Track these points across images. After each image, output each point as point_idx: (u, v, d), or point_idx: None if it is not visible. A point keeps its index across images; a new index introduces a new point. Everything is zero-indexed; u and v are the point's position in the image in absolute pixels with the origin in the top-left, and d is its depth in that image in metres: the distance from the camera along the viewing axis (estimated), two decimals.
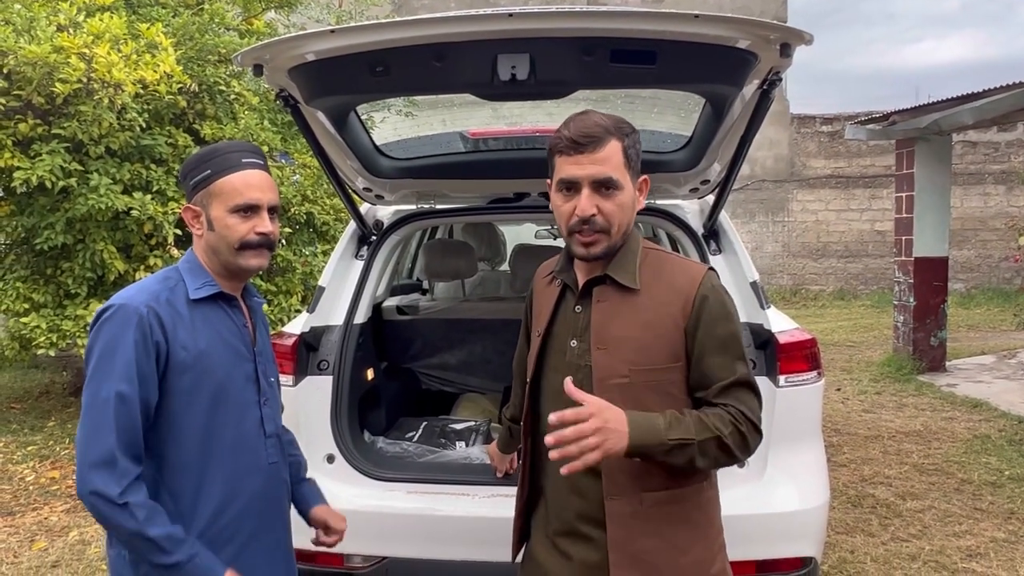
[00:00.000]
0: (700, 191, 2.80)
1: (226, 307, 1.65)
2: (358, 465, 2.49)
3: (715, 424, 1.48)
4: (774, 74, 1.93)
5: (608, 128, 1.51)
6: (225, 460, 1.58)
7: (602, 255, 1.56)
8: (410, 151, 2.77)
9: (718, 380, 1.53)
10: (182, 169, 1.65)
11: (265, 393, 1.69)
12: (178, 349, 1.53)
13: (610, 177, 1.50)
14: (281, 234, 6.19)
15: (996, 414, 5.91)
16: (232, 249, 1.59)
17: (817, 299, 13.26)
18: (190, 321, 1.57)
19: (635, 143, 1.55)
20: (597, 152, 1.49)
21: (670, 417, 1.46)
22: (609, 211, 1.52)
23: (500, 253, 4.74)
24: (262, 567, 1.66)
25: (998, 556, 3.57)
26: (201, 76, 5.67)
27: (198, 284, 1.60)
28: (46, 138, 5.01)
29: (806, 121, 13.43)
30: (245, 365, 1.66)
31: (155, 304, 1.53)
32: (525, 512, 1.79)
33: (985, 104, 6.17)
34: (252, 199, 1.59)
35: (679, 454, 1.44)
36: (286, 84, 2.06)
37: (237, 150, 1.62)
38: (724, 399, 1.52)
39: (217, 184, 1.58)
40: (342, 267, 2.80)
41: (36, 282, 5.47)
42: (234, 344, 1.64)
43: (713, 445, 1.47)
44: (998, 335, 9.57)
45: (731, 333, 1.56)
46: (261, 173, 1.62)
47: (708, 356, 1.53)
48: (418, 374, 3.85)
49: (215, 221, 1.59)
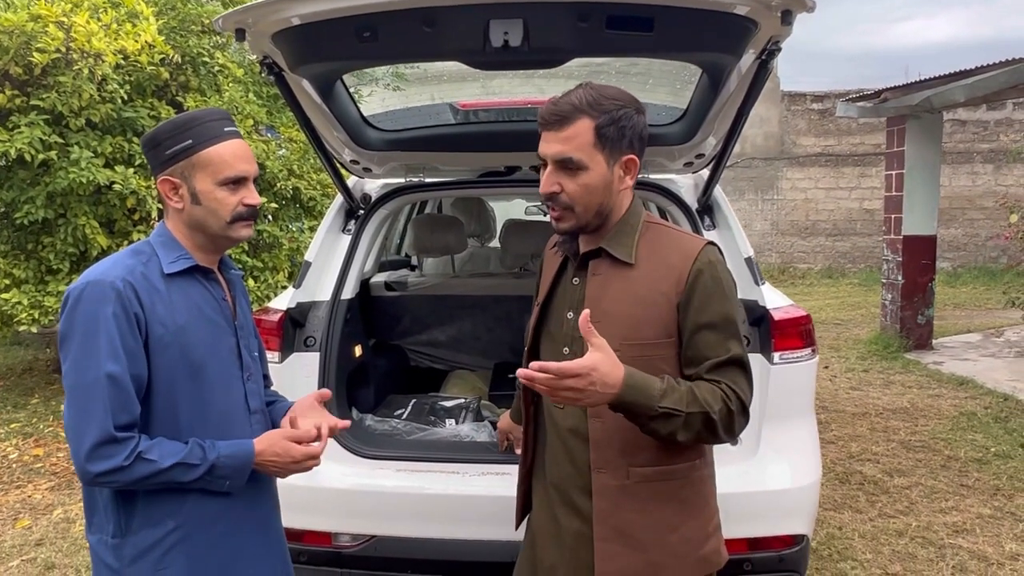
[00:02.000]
0: (694, 165, 2.76)
1: (203, 280, 1.59)
2: (346, 443, 2.45)
3: (706, 399, 1.44)
4: (773, 43, 1.88)
5: (579, 106, 1.47)
6: (212, 437, 1.53)
7: (571, 231, 1.57)
8: (398, 122, 2.70)
9: (711, 357, 1.50)
10: (150, 137, 1.55)
11: (248, 368, 1.64)
12: (156, 325, 1.47)
13: (570, 157, 1.48)
14: (267, 209, 6.11)
15: (982, 391, 5.95)
16: (224, 223, 1.54)
17: (805, 277, 13.30)
18: (167, 296, 1.51)
19: (617, 121, 1.48)
20: (562, 131, 1.48)
21: (667, 384, 1.42)
22: (572, 191, 1.50)
23: (490, 229, 4.69)
24: (250, 546, 1.62)
25: (984, 532, 3.59)
26: (184, 47, 5.55)
27: (172, 258, 1.54)
28: (24, 109, 4.89)
29: (796, 99, 13.37)
30: (227, 339, 1.60)
31: (131, 278, 1.46)
32: (527, 482, 1.78)
33: (977, 81, 6.14)
34: (241, 171, 1.53)
35: (663, 423, 1.41)
36: (270, 50, 1.99)
37: (217, 118, 1.55)
38: (716, 376, 1.49)
39: (203, 155, 1.51)
40: (329, 241, 2.74)
41: (17, 258, 5.38)
42: (214, 318, 1.58)
43: (699, 420, 1.43)
44: (984, 313, 9.64)
45: (726, 310, 1.52)
46: (243, 142, 1.57)
47: (701, 333, 1.50)
48: (407, 351, 3.81)
49: (202, 194, 1.52)
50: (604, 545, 1.53)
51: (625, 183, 1.55)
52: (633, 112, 1.51)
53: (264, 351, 1.83)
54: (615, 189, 1.54)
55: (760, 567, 2.23)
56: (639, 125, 1.52)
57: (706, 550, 1.58)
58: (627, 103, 1.51)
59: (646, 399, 1.38)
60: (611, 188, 1.53)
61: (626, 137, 1.50)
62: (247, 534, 1.62)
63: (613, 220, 1.57)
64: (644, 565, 1.53)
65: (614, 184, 1.53)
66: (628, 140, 1.51)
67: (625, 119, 1.49)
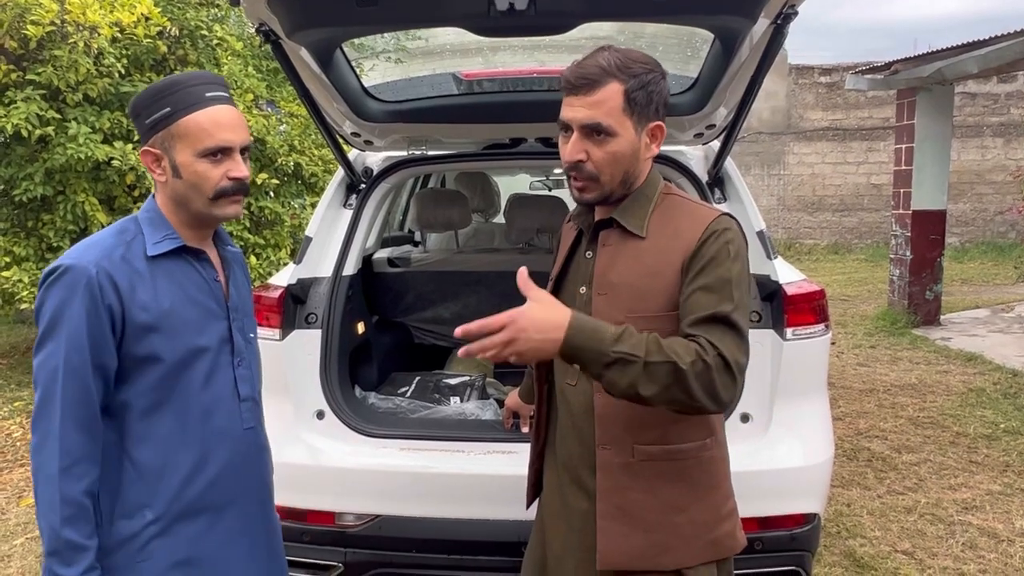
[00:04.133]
0: (705, 136, 2.68)
1: (193, 261, 1.49)
2: (349, 421, 2.42)
3: (675, 349, 1.30)
4: (789, 7, 1.80)
5: (608, 69, 1.40)
6: (194, 427, 1.46)
7: (595, 202, 1.50)
8: (400, 93, 2.63)
9: (694, 315, 1.38)
10: (133, 105, 1.44)
11: (240, 353, 1.55)
12: (137, 311, 1.38)
13: (599, 123, 1.40)
14: (268, 186, 6.04)
15: (991, 367, 5.90)
16: (206, 199, 1.43)
17: (811, 253, 13.21)
18: (151, 279, 1.41)
19: (646, 86, 1.41)
20: (591, 95, 1.40)
21: (623, 330, 1.31)
22: (599, 159, 1.43)
23: (494, 204, 4.62)
24: (239, 538, 1.54)
25: (993, 508, 3.56)
26: (182, 19, 5.45)
27: (157, 238, 1.44)
28: (20, 84, 4.82)
29: (804, 72, 13.18)
30: (217, 324, 1.51)
31: (107, 263, 1.37)
32: (539, 462, 1.74)
33: (990, 52, 6.01)
34: (224, 140, 1.41)
35: (619, 372, 1.28)
36: (266, 16, 1.91)
37: (200, 82, 1.43)
38: (694, 331, 1.35)
39: (181, 124, 1.40)
40: (330, 216, 2.68)
41: (17, 235, 5.34)
42: (203, 302, 1.49)
43: (664, 372, 1.28)
44: (992, 289, 9.56)
45: (726, 273, 1.40)
46: (229, 108, 1.44)
47: (695, 295, 1.39)
48: (410, 328, 3.76)
49: (182, 167, 1.41)
50: (606, 523, 1.49)
51: (651, 151, 1.49)
52: (660, 77, 1.45)
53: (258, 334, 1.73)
54: (641, 157, 1.47)
55: (771, 546, 2.19)
56: (665, 90, 1.46)
57: (717, 533, 1.52)
58: (654, 66, 1.44)
59: (596, 343, 1.28)
60: (638, 156, 1.47)
61: (653, 103, 1.44)
62: (236, 524, 1.54)
63: (633, 190, 1.51)
64: (647, 545, 1.48)
65: (640, 152, 1.47)
66: (655, 106, 1.45)
67: (653, 83, 1.43)
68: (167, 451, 1.44)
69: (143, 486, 1.42)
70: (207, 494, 1.48)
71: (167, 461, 1.44)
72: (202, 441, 1.47)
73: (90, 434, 1.36)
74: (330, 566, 2.30)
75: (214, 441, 1.49)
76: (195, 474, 1.46)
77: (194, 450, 1.46)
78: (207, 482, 1.48)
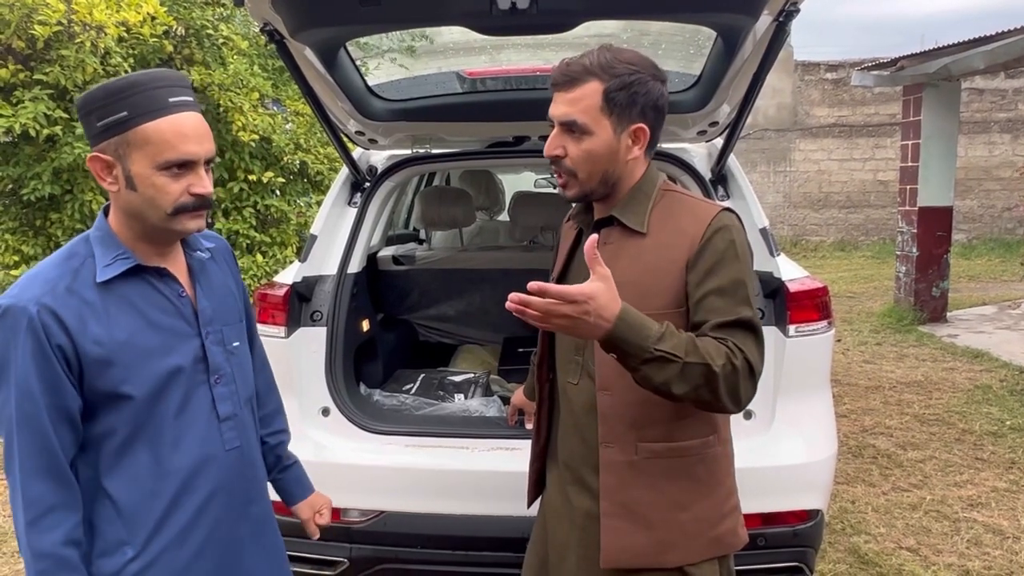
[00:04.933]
0: (708, 134, 2.69)
1: (152, 279, 1.36)
2: (354, 418, 2.43)
3: (709, 351, 1.32)
4: (791, 4, 1.80)
5: (590, 68, 1.41)
6: (171, 456, 1.35)
7: (576, 198, 1.52)
8: (404, 92, 2.64)
9: (717, 318, 1.40)
10: (83, 101, 1.28)
11: (218, 370, 1.42)
12: (90, 346, 1.26)
13: (575, 120, 1.42)
14: (275, 184, 6.06)
15: (997, 364, 5.88)
16: (164, 214, 1.29)
17: (817, 250, 13.17)
18: (103, 308, 1.28)
19: (628, 86, 1.41)
20: (570, 92, 1.43)
21: (665, 328, 1.32)
22: (575, 155, 1.45)
23: (499, 202, 4.63)
24: (231, 563, 1.46)
25: (999, 505, 3.56)
26: (187, 19, 5.47)
27: (107, 260, 1.30)
28: (28, 84, 4.84)
29: (810, 68, 13.13)
30: (188, 344, 1.38)
31: (50, 299, 1.24)
32: (540, 460, 1.75)
33: (997, 48, 5.98)
34: (186, 153, 1.27)
35: (657, 369, 1.29)
36: (270, 16, 1.93)
37: (162, 84, 1.28)
38: (722, 334, 1.37)
39: (139, 131, 1.25)
40: (335, 214, 2.70)
41: (26, 234, 5.36)
42: (168, 324, 1.36)
43: (698, 373, 1.30)
44: (999, 285, 9.52)
45: (737, 274, 1.42)
46: (194, 116, 1.29)
47: (709, 298, 1.41)
48: (415, 326, 3.78)
49: (137, 179, 1.26)
50: (610, 522, 1.49)
51: (633, 152, 1.48)
52: (648, 78, 1.44)
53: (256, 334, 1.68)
54: (622, 158, 1.47)
55: (774, 542, 2.20)
56: (654, 93, 1.45)
57: (719, 530, 1.52)
58: (643, 68, 1.44)
59: (640, 338, 1.28)
60: (617, 156, 1.46)
61: (637, 104, 1.43)
62: (229, 549, 1.45)
63: (624, 188, 1.51)
64: (652, 543, 1.48)
65: (620, 153, 1.46)
66: (640, 108, 1.44)
67: (638, 85, 1.42)
68: (144, 485, 1.34)
69: (121, 522, 1.33)
70: (193, 524, 1.38)
71: (144, 495, 1.34)
72: (181, 470, 1.37)
73: (57, 481, 1.27)
74: (335, 561, 2.32)
75: (195, 469, 1.38)
76: (175, 506, 1.37)
77: (173, 481, 1.36)
78: (191, 512, 1.38)
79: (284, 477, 1.72)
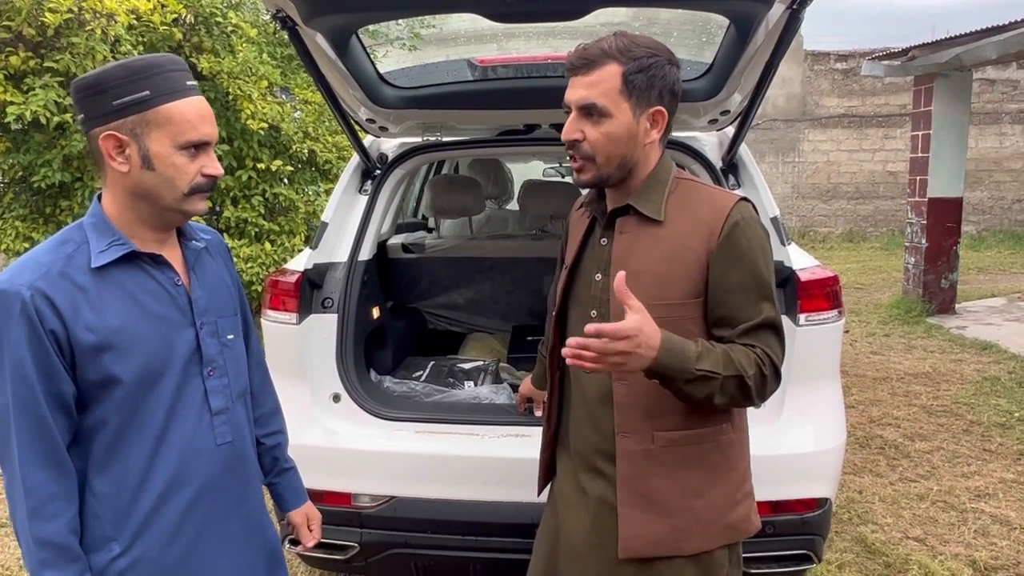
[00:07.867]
0: (719, 122, 2.68)
1: (149, 266, 1.35)
2: (365, 405, 2.45)
3: (741, 362, 1.40)
4: None
5: (608, 51, 1.42)
6: (161, 450, 1.34)
7: (592, 184, 1.52)
8: (415, 80, 2.64)
9: (743, 320, 1.45)
10: (92, 81, 1.27)
11: (212, 362, 1.40)
12: (83, 332, 1.25)
13: (594, 103, 1.42)
14: (283, 172, 6.07)
15: (1006, 356, 5.87)
16: (180, 194, 1.31)
17: (825, 241, 13.12)
18: (97, 294, 1.27)
19: (646, 69, 1.42)
20: (588, 75, 1.43)
21: (702, 347, 1.38)
22: (594, 139, 1.45)
23: (508, 191, 4.63)
24: (222, 560, 1.43)
25: (1007, 496, 3.56)
26: (197, 6, 5.47)
27: (102, 246, 1.29)
28: (38, 72, 4.86)
29: (820, 58, 13.04)
30: (182, 334, 1.37)
31: (43, 283, 1.24)
32: (551, 448, 1.76)
33: (1010, 37, 5.93)
34: (205, 135, 1.31)
35: (700, 386, 1.37)
36: (283, 3, 1.93)
37: (177, 68, 1.31)
38: (749, 340, 1.45)
39: (162, 110, 1.27)
40: (345, 202, 2.71)
41: (36, 221, 5.39)
42: (162, 313, 1.35)
43: (734, 384, 1.40)
44: (1008, 277, 9.48)
45: (759, 270, 1.46)
46: (205, 101, 1.34)
47: (732, 294, 1.45)
48: (425, 313, 3.79)
49: (156, 158, 1.28)
50: (628, 511, 1.50)
51: (651, 136, 1.49)
52: (665, 62, 1.45)
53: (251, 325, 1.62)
54: (640, 142, 1.48)
55: (782, 530, 2.21)
56: (670, 77, 1.46)
57: (734, 517, 1.54)
58: (660, 52, 1.45)
59: (682, 362, 1.34)
60: (636, 140, 1.47)
61: (655, 88, 1.44)
62: (220, 545, 1.43)
63: (640, 175, 1.52)
64: (669, 531, 1.50)
65: (639, 136, 1.47)
66: (657, 91, 1.45)
67: (656, 68, 1.43)
68: (132, 479, 1.32)
69: (108, 517, 1.31)
70: (182, 521, 1.36)
71: (132, 490, 1.33)
72: (171, 464, 1.35)
73: (57, 469, 1.26)
74: (346, 546, 2.34)
75: (185, 463, 1.36)
76: (163, 501, 1.35)
77: (162, 475, 1.34)
78: (180, 508, 1.36)
79: (281, 482, 1.69)
